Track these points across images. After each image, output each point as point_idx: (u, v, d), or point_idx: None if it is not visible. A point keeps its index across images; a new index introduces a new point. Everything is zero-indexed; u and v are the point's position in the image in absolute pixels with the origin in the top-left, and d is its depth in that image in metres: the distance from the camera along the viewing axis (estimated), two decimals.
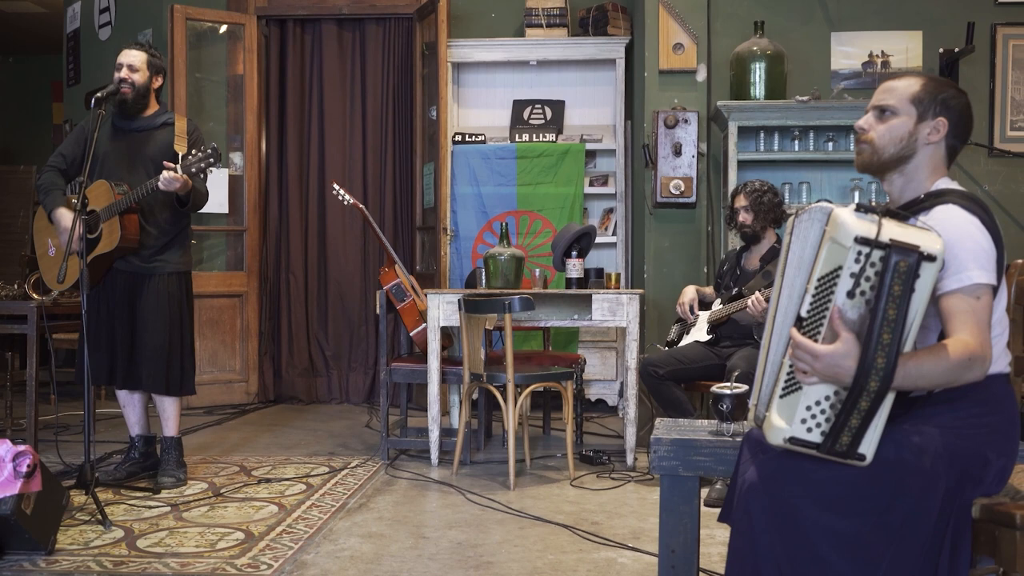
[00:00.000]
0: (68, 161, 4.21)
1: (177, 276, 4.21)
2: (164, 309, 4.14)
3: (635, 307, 4.50)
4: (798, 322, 1.86)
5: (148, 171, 4.06)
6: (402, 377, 4.80)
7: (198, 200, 4.17)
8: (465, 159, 6.25)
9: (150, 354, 4.10)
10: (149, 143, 4.16)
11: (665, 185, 5.23)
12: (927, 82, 2.13)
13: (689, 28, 5.37)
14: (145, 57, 4.17)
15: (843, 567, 1.83)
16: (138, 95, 4.14)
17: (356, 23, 6.78)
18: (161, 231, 4.14)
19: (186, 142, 4.17)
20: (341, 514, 3.68)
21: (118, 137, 4.16)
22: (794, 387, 1.87)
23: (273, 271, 6.77)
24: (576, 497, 3.99)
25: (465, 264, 6.23)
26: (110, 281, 4.14)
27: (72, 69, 7.78)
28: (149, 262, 4.13)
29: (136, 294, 4.14)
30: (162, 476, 4.14)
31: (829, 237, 1.83)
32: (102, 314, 4.15)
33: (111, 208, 3.97)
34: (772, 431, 1.89)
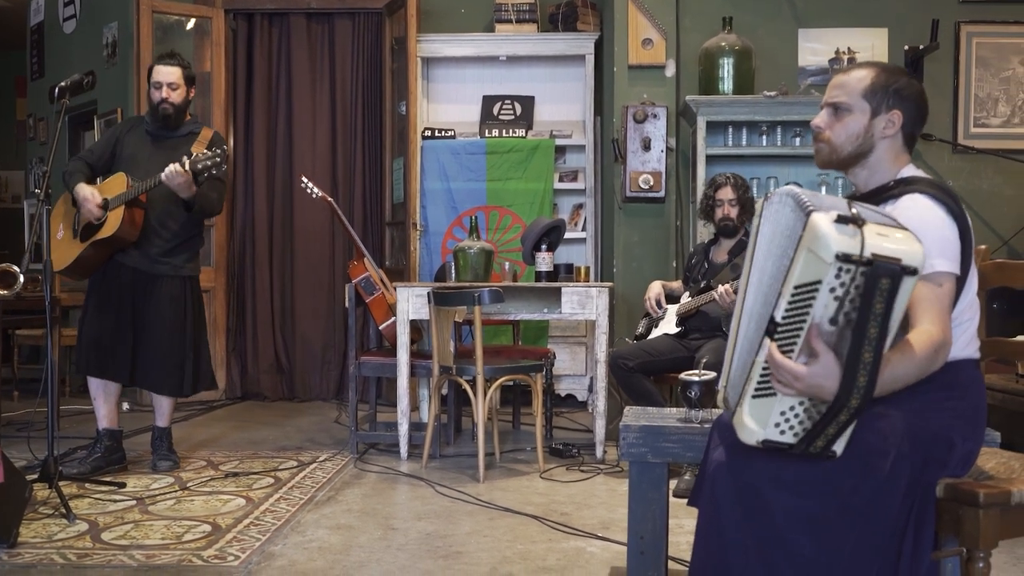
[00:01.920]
0: (95, 157, 4.35)
1: (182, 280, 4.31)
2: (168, 312, 4.23)
3: (604, 300, 4.51)
4: (772, 325, 1.80)
5: None
6: (371, 371, 4.78)
7: (207, 206, 4.26)
8: (435, 154, 6.24)
9: (147, 355, 4.20)
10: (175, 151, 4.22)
11: (634, 180, 5.25)
12: (878, 73, 2.12)
13: (658, 23, 5.40)
14: (180, 72, 4.28)
15: (808, 548, 1.84)
16: (178, 111, 4.28)
17: (325, 17, 6.75)
18: (172, 234, 4.23)
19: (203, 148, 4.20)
20: (309, 507, 3.66)
21: (147, 141, 4.29)
22: (768, 391, 1.85)
23: (238, 266, 6.71)
24: (545, 489, 3.99)
25: (435, 259, 6.22)
26: (113, 275, 4.20)
27: (36, 63, 7.69)
28: (156, 263, 4.22)
29: (141, 294, 4.22)
30: (159, 460, 4.30)
31: (807, 246, 1.74)
32: (106, 307, 4.19)
33: (120, 197, 4.06)
34: (744, 431, 1.88)
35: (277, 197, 6.72)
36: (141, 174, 4.12)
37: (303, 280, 6.66)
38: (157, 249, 4.18)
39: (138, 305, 4.18)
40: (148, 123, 4.29)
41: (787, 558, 1.85)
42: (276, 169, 6.72)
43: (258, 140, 6.71)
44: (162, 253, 4.19)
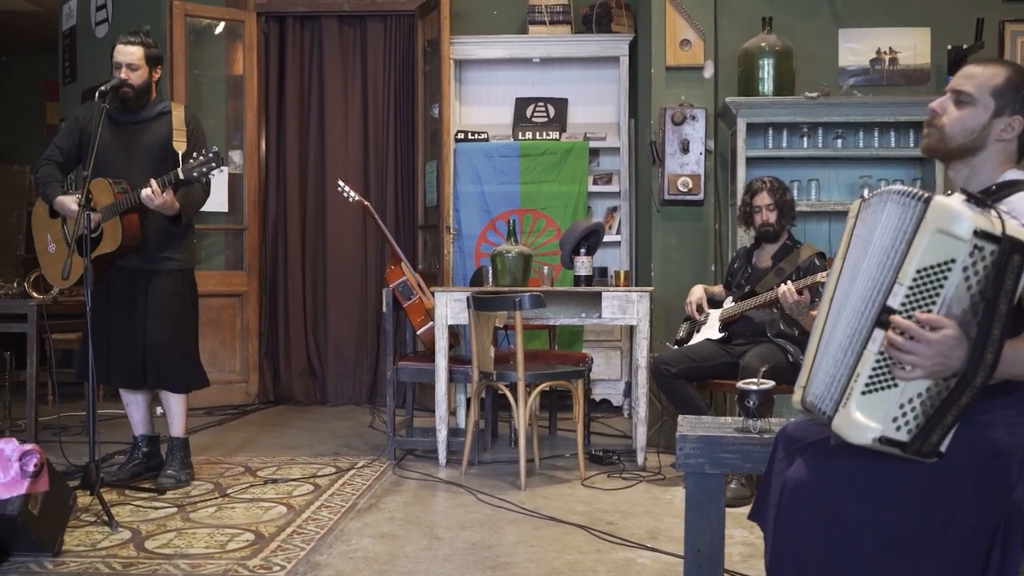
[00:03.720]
0: (64, 154, 4.12)
1: (179, 273, 4.13)
2: (168, 307, 4.06)
3: (645, 305, 4.45)
4: (885, 314, 1.77)
5: (144, 164, 3.97)
6: (409, 376, 4.74)
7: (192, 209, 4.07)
8: (468, 157, 6.19)
9: (154, 352, 4.03)
10: (145, 134, 4.06)
11: (673, 182, 5.18)
12: (1012, 75, 2.02)
13: (696, 24, 5.33)
14: (142, 52, 4.01)
15: (890, 566, 1.78)
16: (139, 93, 4.04)
17: (357, 20, 6.72)
18: (162, 228, 4.03)
19: (184, 135, 4.07)
20: (351, 515, 3.62)
21: (115, 129, 4.05)
22: (883, 383, 1.79)
23: (271, 270, 6.69)
24: (588, 497, 3.93)
25: (468, 263, 6.17)
26: (111, 278, 4.07)
27: (68, 67, 7.70)
28: (150, 260, 4.05)
29: (138, 292, 4.06)
30: (163, 477, 4.06)
31: (935, 227, 1.72)
32: (103, 312, 4.05)
33: (111, 208, 3.88)
34: (857, 430, 1.80)
35: (309, 200, 6.69)
36: (121, 164, 3.96)
37: (335, 284, 6.63)
38: (152, 246, 4.02)
39: (139, 306, 4.03)
40: (111, 108, 3.98)
41: (865, 574, 1.79)
42: (308, 172, 6.70)
43: (290, 143, 6.69)
44: (157, 249, 4.03)
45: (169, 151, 4.00)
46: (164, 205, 3.84)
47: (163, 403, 4.18)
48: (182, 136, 4.04)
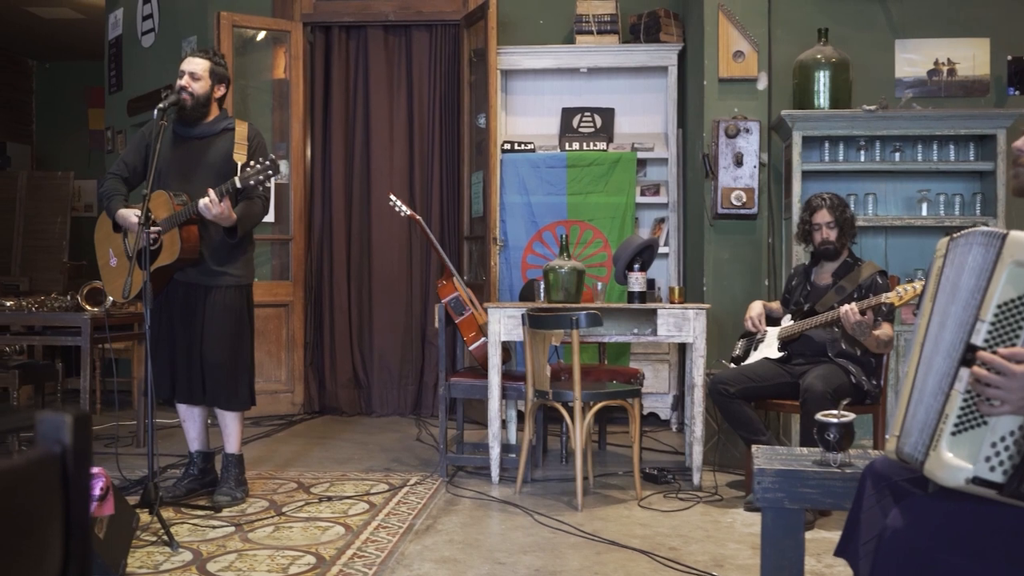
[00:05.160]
0: (130, 169, 4.15)
1: (237, 289, 4.12)
2: (225, 323, 4.05)
3: (702, 323, 4.39)
4: (970, 353, 1.76)
5: (207, 179, 3.97)
6: (461, 392, 4.70)
7: (249, 224, 4.07)
8: (514, 168, 6.16)
9: (211, 369, 4.02)
10: (209, 150, 4.08)
11: (726, 196, 5.12)
12: None
13: (749, 35, 5.26)
14: (208, 65, 4.07)
15: None
16: (198, 103, 4.05)
17: (402, 29, 6.70)
18: (221, 242, 4.03)
19: (246, 149, 4.07)
20: (410, 536, 3.59)
21: (178, 145, 4.07)
22: (972, 422, 1.76)
23: (316, 280, 6.69)
24: (646, 519, 3.88)
25: (515, 274, 6.14)
26: (169, 293, 4.07)
27: (114, 76, 7.74)
28: (209, 274, 4.05)
29: (196, 307, 4.05)
30: (219, 495, 4.04)
31: (1012, 261, 1.73)
32: (162, 326, 4.06)
33: (170, 220, 3.88)
34: (948, 471, 1.77)
35: (355, 211, 6.68)
36: (183, 179, 3.97)
37: (380, 295, 6.61)
38: (210, 260, 4.01)
39: (196, 321, 4.02)
40: (176, 124, 4.05)
41: None
42: (354, 182, 6.69)
43: (336, 153, 6.68)
44: (215, 263, 4.02)
45: (231, 166, 3.99)
46: (221, 215, 3.84)
47: (218, 420, 4.17)
48: (243, 150, 4.05)
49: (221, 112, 4.17)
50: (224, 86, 4.16)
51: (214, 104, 4.13)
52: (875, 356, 4.11)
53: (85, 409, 4.05)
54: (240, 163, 3.98)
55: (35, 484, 0.89)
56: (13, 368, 5.00)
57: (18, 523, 0.87)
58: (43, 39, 10.66)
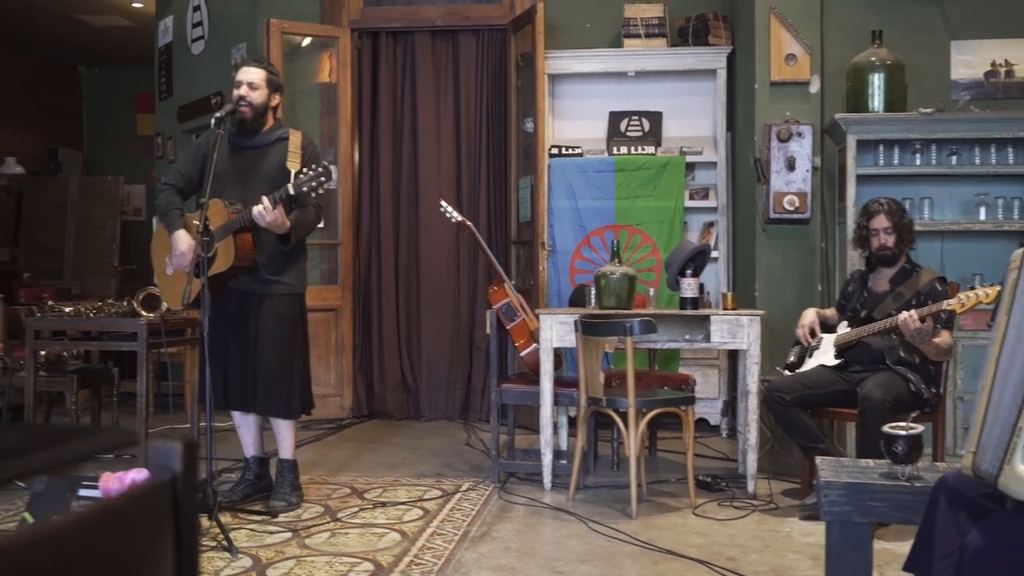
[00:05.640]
0: (185, 179, 4.19)
1: (291, 298, 4.16)
2: (278, 332, 4.08)
3: (756, 329, 4.35)
4: None
5: (262, 188, 3.99)
6: (513, 399, 4.70)
7: (303, 232, 4.10)
8: (562, 172, 6.14)
9: (265, 378, 4.06)
10: (264, 160, 4.12)
11: (778, 200, 5.07)
12: None
13: (801, 38, 5.20)
14: (264, 75, 4.11)
15: None
16: (256, 113, 4.09)
17: (449, 35, 6.71)
18: (275, 251, 4.07)
19: (300, 158, 4.10)
20: (465, 543, 3.59)
21: (234, 154, 4.12)
22: None
23: (365, 285, 6.72)
24: (702, 528, 3.85)
25: (562, 278, 6.13)
26: (223, 301, 4.10)
27: (164, 83, 7.84)
28: (263, 283, 4.08)
29: (250, 315, 4.09)
30: (274, 500, 4.08)
31: None
32: (216, 334, 4.09)
33: (224, 228, 3.92)
34: (1022, 484, 1.75)
35: (402, 215, 6.71)
36: (239, 188, 4.01)
37: (428, 299, 6.63)
38: (264, 269, 4.05)
39: (249, 329, 4.05)
40: (231, 133, 4.09)
41: None
42: (401, 187, 6.71)
43: (383, 158, 6.71)
44: (269, 272, 4.06)
45: (285, 174, 4.02)
46: (275, 223, 3.87)
47: (272, 426, 4.21)
48: (297, 158, 4.08)
49: (276, 121, 4.21)
50: (279, 95, 4.20)
51: (269, 113, 4.17)
52: (934, 364, 4.05)
53: (192, 436, 4.11)
54: (293, 171, 4.01)
55: (149, 511, 0.90)
56: (71, 373, 5.07)
57: (135, 550, 0.88)
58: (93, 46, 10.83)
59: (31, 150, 10.97)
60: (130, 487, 0.89)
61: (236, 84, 4.08)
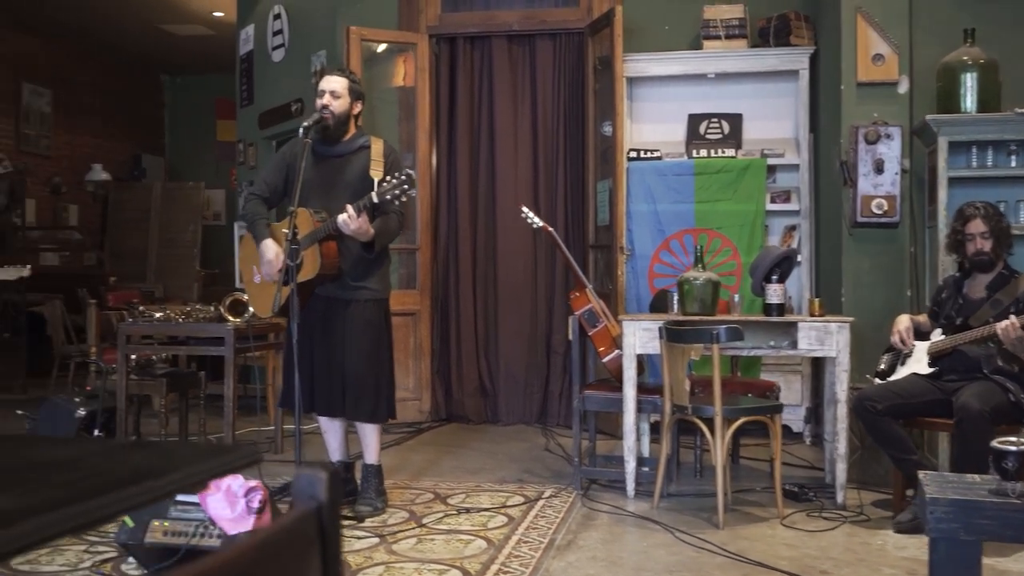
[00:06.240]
0: (270, 189, 4.26)
1: (375, 303, 4.20)
2: (364, 337, 4.13)
3: (845, 336, 4.26)
4: None
5: (346, 196, 4.03)
6: (596, 405, 4.68)
7: (386, 239, 4.14)
8: (640, 176, 6.09)
9: (351, 383, 4.10)
10: (347, 168, 4.16)
11: (866, 204, 4.96)
12: None
13: (889, 38, 5.08)
14: (346, 83, 4.16)
15: None
16: (339, 122, 4.14)
17: (526, 39, 6.71)
18: (360, 258, 4.11)
19: (382, 166, 4.13)
20: (552, 552, 3.58)
21: (318, 163, 4.16)
22: None
23: (443, 289, 6.75)
24: (792, 539, 3.78)
25: (641, 283, 6.08)
26: (309, 307, 4.15)
27: (245, 90, 7.99)
28: (348, 289, 4.13)
29: (335, 321, 4.14)
30: (360, 504, 4.12)
31: None
32: (304, 340, 4.15)
33: (311, 236, 3.97)
34: None
35: (480, 220, 6.73)
36: (319, 202, 4.04)
37: (506, 303, 6.63)
38: (348, 275, 4.09)
39: (335, 334, 4.10)
40: (315, 142, 4.10)
41: None
42: (479, 192, 6.74)
43: (461, 163, 6.74)
44: (353, 278, 4.10)
45: (368, 182, 4.05)
46: (359, 230, 3.90)
47: (358, 430, 4.25)
48: (380, 166, 4.11)
49: (358, 130, 4.25)
50: (360, 103, 4.24)
51: (351, 121, 4.21)
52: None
53: (333, 464, 4.20)
54: (376, 179, 4.05)
55: (299, 540, 0.90)
56: (160, 376, 5.20)
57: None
58: (175, 55, 11.10)
59: (116, 157, 11.29)
60: (281, 519, 0.90)
61: (319, 93, 4.13)
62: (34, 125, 10.11)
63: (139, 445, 1.22)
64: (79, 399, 4.98)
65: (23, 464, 1.15)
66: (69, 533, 0.93)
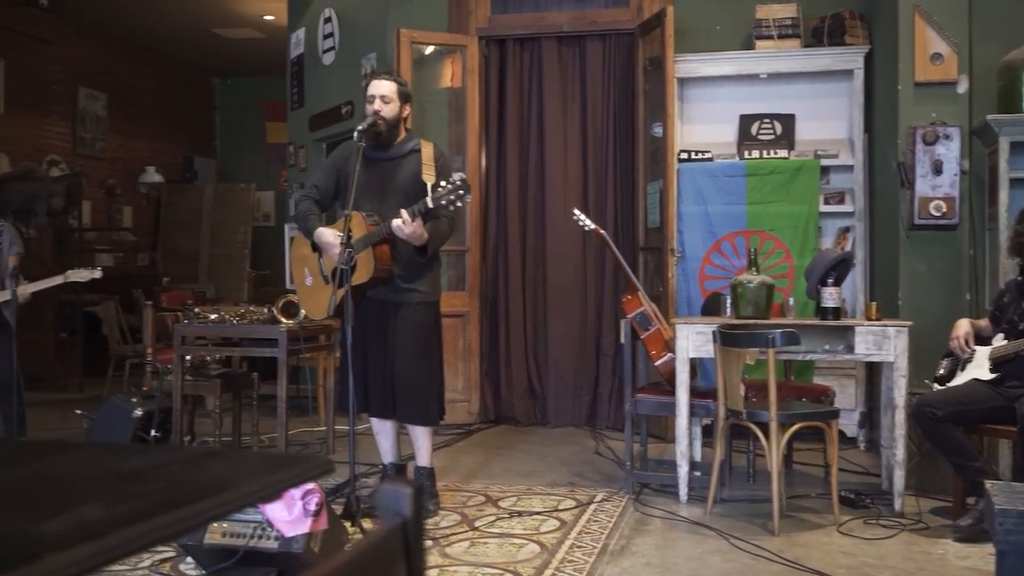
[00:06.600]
0: (321, 192, 4.29)
1: (426, 306, 4.22)
2: (415, 339, 4.14)
3: (903, 341, 4.19)
4: None
5: (398, 200, 4.05)
6: (648, 409, 4.66)
7: (438, 243, 4.15)
8: (691, 177, 6.04)
9: (402, 385, 4.12)
10: (398, 172, 4.18)
11: (924, 206, 4.87)
12: None
13: (948, 37, 4.99)
14: (395, 87, 4.17)
15: None
16: (390, 126, 4.15)
17: (576, 40, 6.70)
18: (410, 261, 4.13)
19: (434, 169, 4.15)
20: (605, 557, 3.56)
21: (369, 167, 4.17)
22: None
23: (491, 291, 6.76)
24: (849, 547, 3.73)
25: (692, 286, 6.03)
26: (361, 310, 4.18)
27: (296, 93, 8.06)
28: (399, 292, 4.15)
29: (387, 323, 4.16)
30: None
31: None
32: (356, 343, 4.17)
33: (364, 240, 3.99)
34: None
35: (529, 221, 6.72)
36: (371, 205, 4.06)
37: (555, 305, 6.62)
38: (400, 278, 4.11)
39: (387, 337, 4.12)
40: (366, 147, 4.08)
41: None
42: (528, 193, 6.73)
43: (510, 165, 6.74)
44: (405, 281, 4.11)
45: (419, 186, 4.07)
46: (413, 235, 3.92)
47: (410, 433, 4.27)
48: (431, 170, 4.12)
49: (408, 133, 4.27)
50: (409, 105, 4.26)
51: (401, 124, 4.23)
52: None
53: (418, 481, 4.23)
54: (429, 183, 4.06)
55: (386, 558, 0.90)
56: (215, 377, 5.26)
57: None
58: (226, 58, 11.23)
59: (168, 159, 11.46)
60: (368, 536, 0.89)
61: (368, 99, 4.15)
62: (90, 128, 10.29)
63: (214, 454, 1.23)
64: (136, 399, 5.06)
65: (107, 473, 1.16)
66: (156, 544, 0.93)
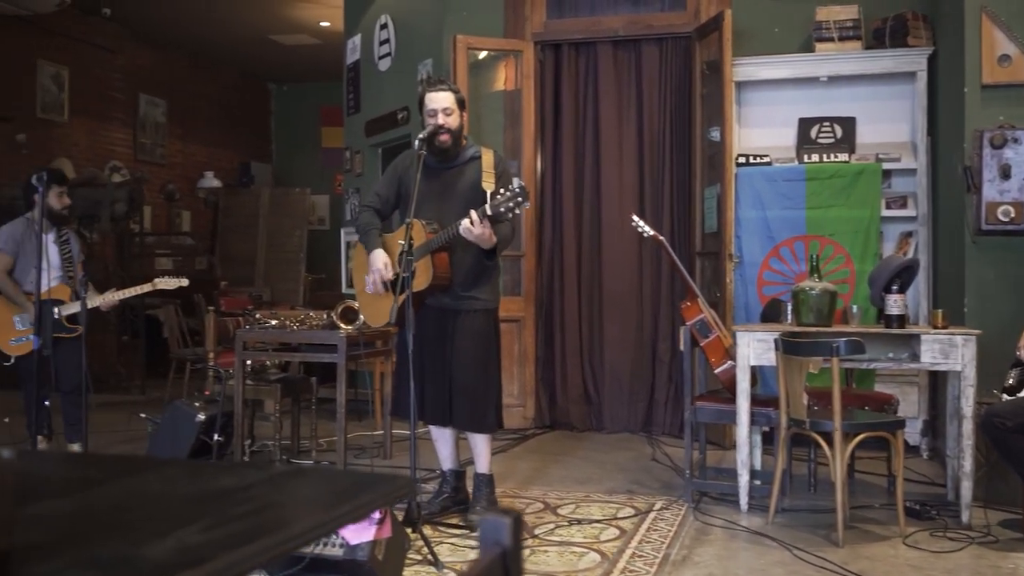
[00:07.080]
0: (382, 201, 4.32)
1: (485, 313, 4.22)
2: (474, 347, 4.15)
3: (971, 350, 4.11)
4: None
5: (458, 207, 4.06)
6: (708, 417, 4.62)
7: (503, 245, 4.15)
8: (749, 181, 5.99)
9: (460, 392, 4.13)
10: (459, 179, 4.19)
11: (991, 211, 4.77)
12: None
13: (1016, 37, 4.88)
14: (453, 97, 4.17)
15: None
16: (455, 138, 4.17)
17: (631, 44, 6.67)
18: (470, 267, 4.14)
19: (493, 177, 4.15)
20: (667, 567, 3.54)
21: (429, 174, 4.19)
22: None
23: (547, 296, 6.76)
24: (916, 560, 3.66)
25: (750, 291, 5.97)
26: (420, 317, 4.19)
27: (352, 99, 8.13)
28: (458, 299, 4.16)
29: (446, 331, 4.17)
30: (473, 514, 4.14)
31: None
32: (415, 350, 4.19)
33: (423, 248, 4.01)
34: None
35: (585, 226, 6.71)
36: (432, 213, 4.07)
37: (610, 310, 6.60)
38: (459, 285, 4.11)
39: (446, 344, 4.13)
40: (427, 156, 4.08)
41: None
42: (584, 198, 6.72)
43: (566, 169, 6.74)
44: (463, 288, 4.12)
45: (480, 193, 4.08)
46: (481, 236, 3.92)
47: (469, 439, 4.28)
48: (491, 177, 4.12)
49: (467, 140, 4.29)
50: (465, 112, 4.27)
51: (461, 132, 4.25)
52: None
53: (516, 510, 4.25)
54: (489, 191, 4.06)
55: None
56: (275, 381, 5.32)
57: None
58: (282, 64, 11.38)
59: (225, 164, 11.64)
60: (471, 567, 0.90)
61: (429, 113, 4.13)
62: (150, 134, 10.48)
63: (300, 473, 1.24)
64: (198, 404, 5.14)
65: (199, 494, 1.17)
66: (252, 570, 0.94)
